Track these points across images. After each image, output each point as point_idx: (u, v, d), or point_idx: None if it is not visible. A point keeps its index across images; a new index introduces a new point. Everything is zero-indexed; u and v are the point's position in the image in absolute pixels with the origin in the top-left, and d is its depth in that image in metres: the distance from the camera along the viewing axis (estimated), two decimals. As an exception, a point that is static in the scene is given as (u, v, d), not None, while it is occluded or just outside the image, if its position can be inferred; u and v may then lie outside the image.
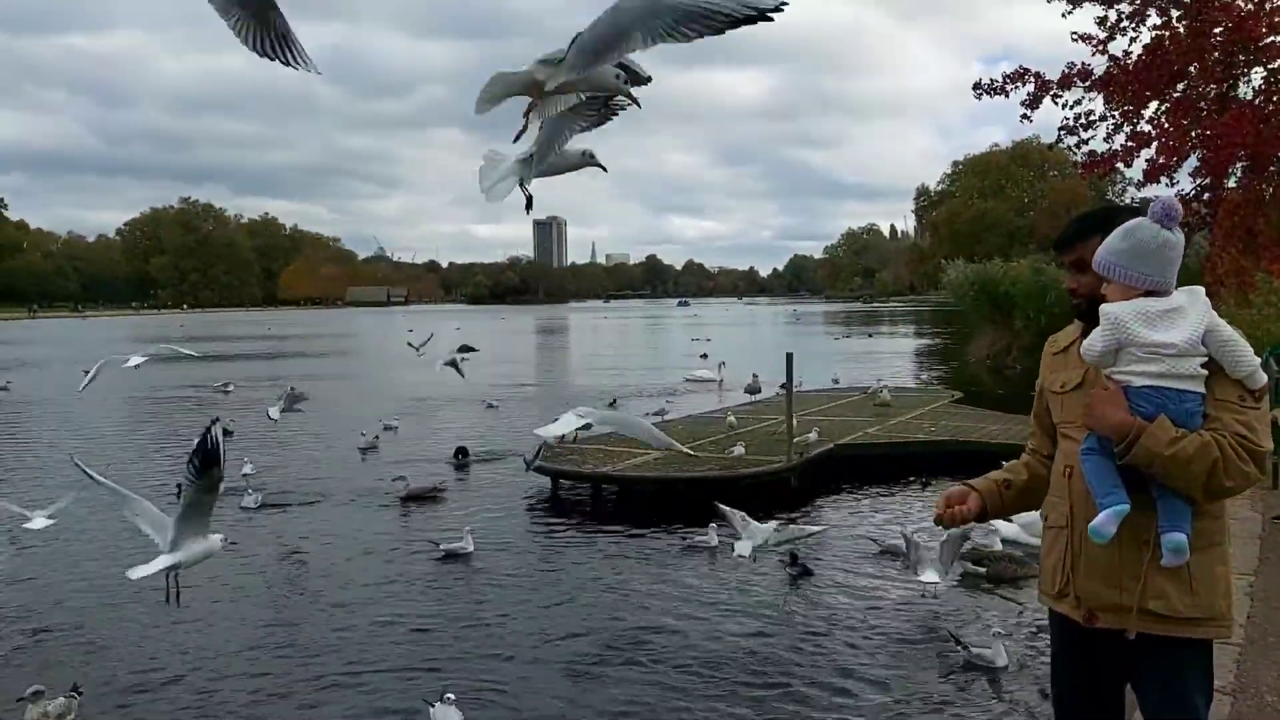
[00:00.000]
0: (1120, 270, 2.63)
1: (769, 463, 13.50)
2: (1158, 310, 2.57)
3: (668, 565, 10.23)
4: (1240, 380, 2.56)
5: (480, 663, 7.60)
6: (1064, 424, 2.82)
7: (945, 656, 7.53)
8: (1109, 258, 2.65)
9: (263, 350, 51.47)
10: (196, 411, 23.06)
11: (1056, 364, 2.91)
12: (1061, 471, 2.79)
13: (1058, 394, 2.85)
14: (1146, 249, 2.59)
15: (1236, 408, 2.54)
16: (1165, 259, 2.59)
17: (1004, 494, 3.02)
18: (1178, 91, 13.21)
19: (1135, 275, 2.61)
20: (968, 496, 3.01)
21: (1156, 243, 2.58)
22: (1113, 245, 2.65)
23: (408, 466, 15.31)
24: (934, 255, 79.83)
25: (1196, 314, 2.57)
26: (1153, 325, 2.55)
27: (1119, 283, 2.64)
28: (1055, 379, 2.88)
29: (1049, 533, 2.85)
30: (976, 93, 13.81)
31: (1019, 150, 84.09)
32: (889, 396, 19.77)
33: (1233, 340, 2.57)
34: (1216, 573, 2.61)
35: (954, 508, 3.00)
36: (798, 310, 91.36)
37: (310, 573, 10.24)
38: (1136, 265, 2.60)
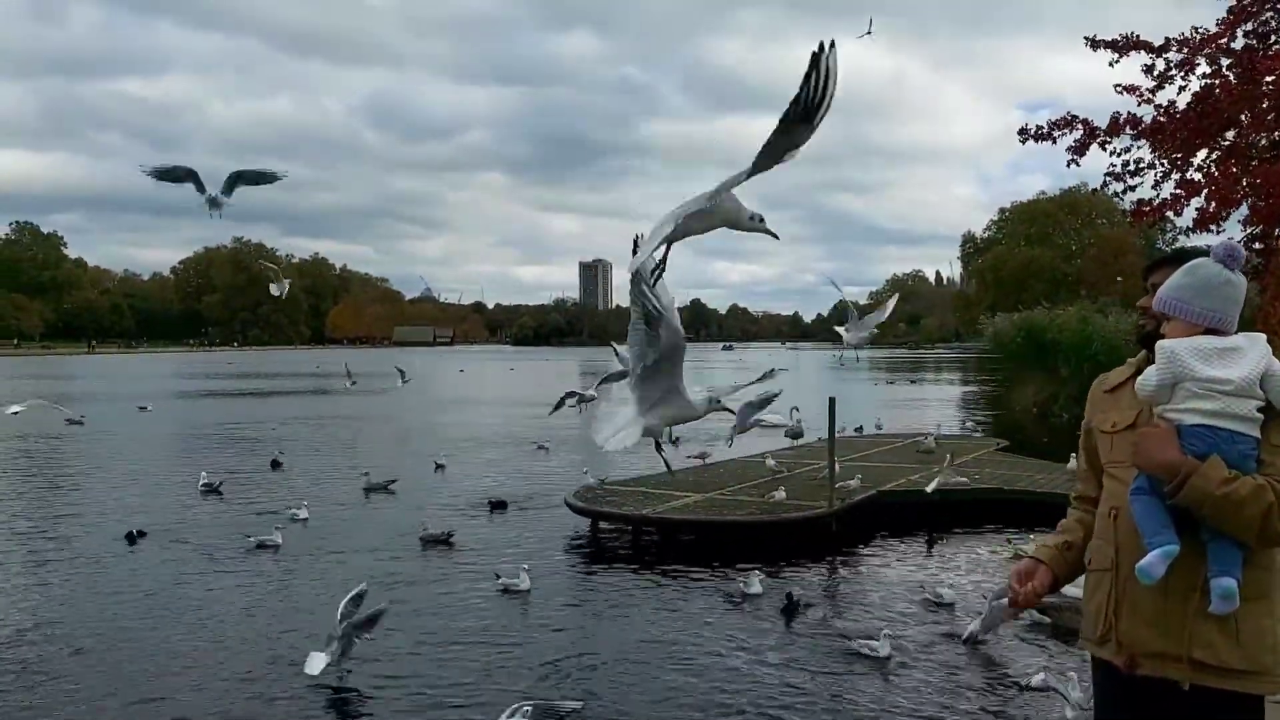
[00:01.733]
0: (1182, 307, 2.62)
1: (810, 507, 13.39)
2: (1216, 348, 2.55)
3: (706, 610, 10.13)
4: None
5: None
6: (1112, 464, 2.75)
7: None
8: (1170, 294, 2.65)
9: (313, 387, 52.18)
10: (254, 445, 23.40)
11: (1107, 403, 2.86)
12: (1107, 513, 2.73)
13: (1107, 433, 2.80)
14: (1209, 285, 2.58)
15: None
16: (1227, 297, 2.58)
17: (1067, 557, 2.93)
18: (1227, 140, 13.07)
19: (1196, 312, 2.60)
20: (1036, 570, 2.92)
21: (1219, 280, 2.58)
22: (1175, 282, 2.65)
23: (445, 510, 15.44)
24: (980, 302, 79.17)
25: (1256, 355, 2.54)
26: (1209, 361, 2.52)
27: (1180, 319, 2.63)
28: (1106, 418, 2.83)
29: (1092, 576, 2.78)
30: (1022, 138, 13.71)
31: (1066, 198, 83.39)
32: (934, 444, 19.56)
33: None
34: (1264, 625, 2.53)
35: (1026, 585, 2.90)
36: (843, 361, 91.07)
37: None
38: (1198, 301, 2.59)
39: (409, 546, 12.86)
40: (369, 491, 17.24)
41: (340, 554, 12.60)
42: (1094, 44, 13.31)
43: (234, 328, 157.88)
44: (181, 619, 9.73)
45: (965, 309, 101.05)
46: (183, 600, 10.44)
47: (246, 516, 14.71)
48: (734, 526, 12.98)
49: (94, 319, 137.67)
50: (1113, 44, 13.15)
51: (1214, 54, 12.49)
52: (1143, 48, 13.05)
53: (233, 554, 12.43)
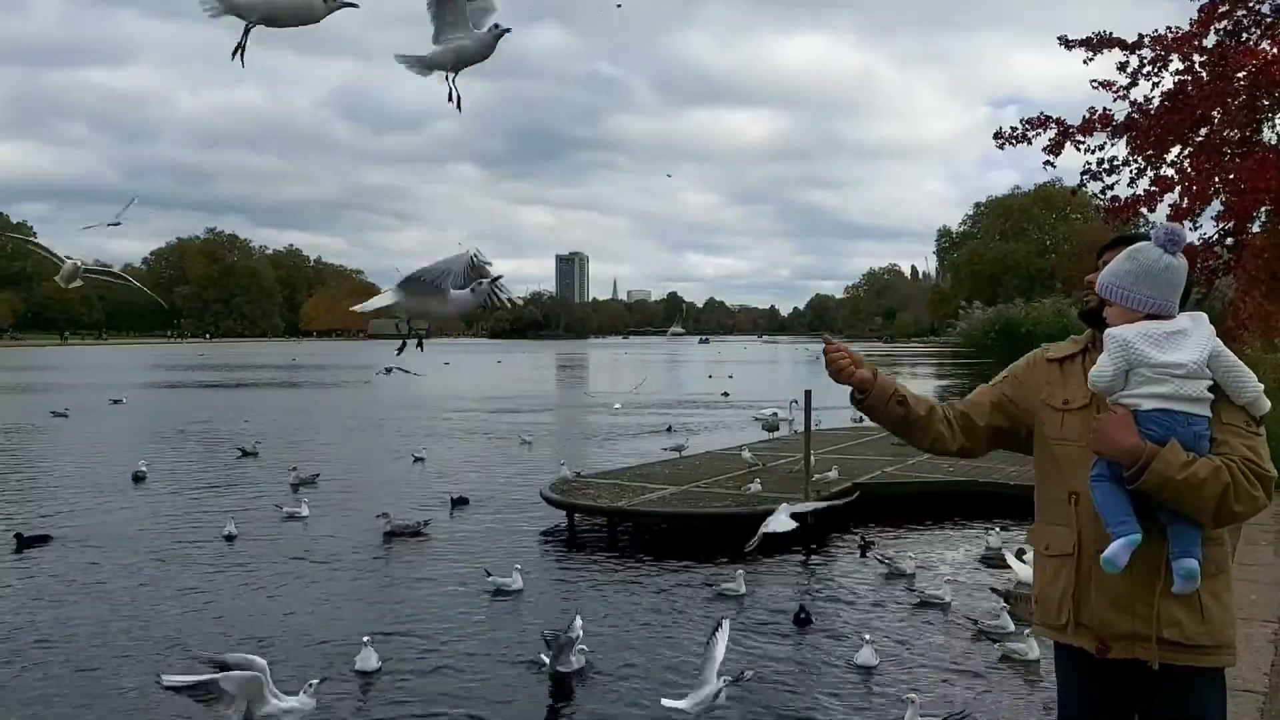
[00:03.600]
0: (1123, 293, 2.64)
1: (786, 499, 13.42)
2: (1163, 332, 2.57)
3: (682, 603, 10.15)
4: (1245, 407, 2.56)
5: (494, 691, 7.57)
6: (1059, 441, 2.74)
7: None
8: (1112, 280, 2.67)
9: (290, 379, 51.84)
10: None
11: (1053, 375, 2.84)
12: (1066, 498, 2.70)
13: (1057, 410, 2.77)
14: (1150, 272, 2.60)
15: (1243, 432, 2.54)
16: (1168, 282, 2.60)
17: (892, 401, 2.89)
18: (1200, 136, 13.19)
19: (1137, 298, 2.62)
20: (865, 367, 2.88)
21: (1159, 266, 2.59)
22: (1116, 268, 2.67)
23: (419, 503, 15.42)
24: (955, 296, 79.68)
25: (1201, 336, 2.58)
26: (1160, 346, 2.55)
27: (1121, 306, 2.65)
28: (1054, 392, 2.80)
29: (1050, 561, 2.74)
30: (999, 142, 13.76)
31: (1041, 193, 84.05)
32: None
33: (1237, 365, 2.58)
34: (1224, 600, 2.60)
35: (844, 358, 2.87)
36: (819, 355, 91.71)
37: (317, 598, 10.25)
38: (1138, 288, 2.61)
39: (381, 539, 12.79)
40: (346, 490, 17.18)
41: (306, 553, 12.53)
42: (1068, 43, 13.40)
43: (206, 319, 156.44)
44: (143, 612, 9.66)
45: (940, 303, 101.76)
46: (141, 594, 10.37)
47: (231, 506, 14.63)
48: (710, 518, 13.00)
49: (64, 310, 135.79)
50: (1086, 42, 13.24)
51: (1187, 50, 12.59)
52: (1116, 45, 13.15)
53: (209, 548, 12.37)
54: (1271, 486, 2.52)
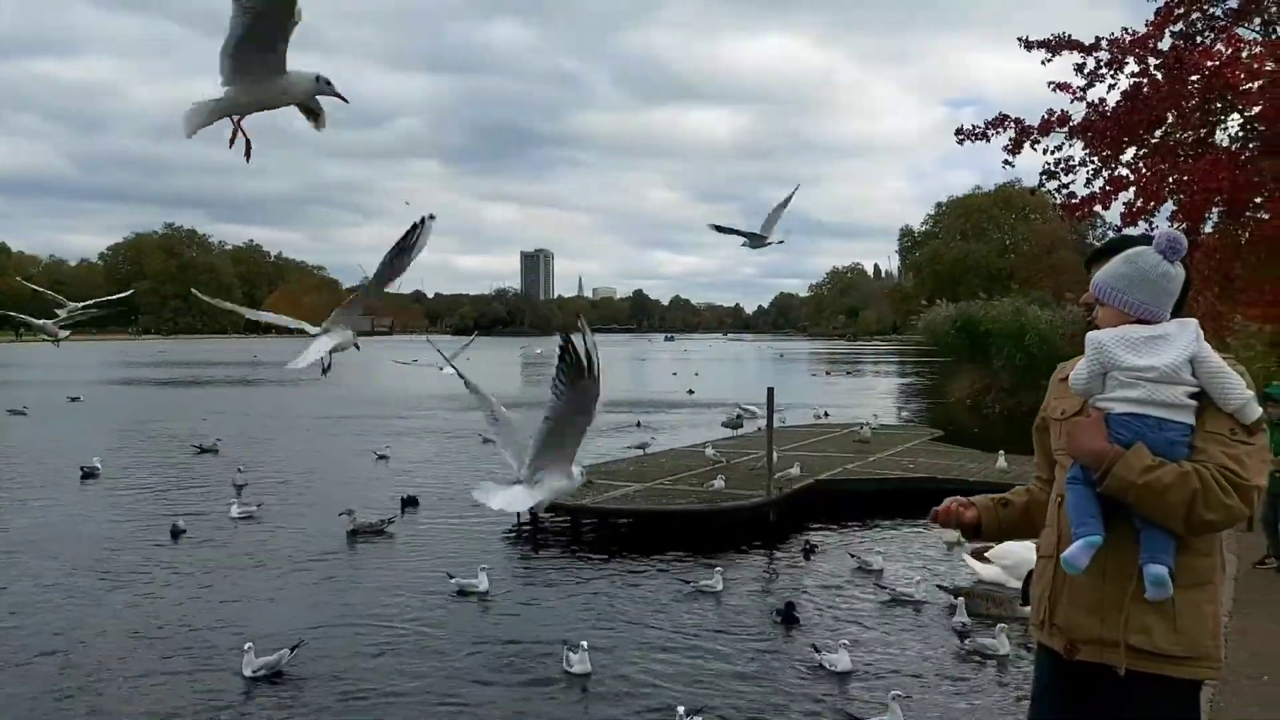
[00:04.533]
0: (1116, 295, 2.63)
1: (748, 497, 13.49)
2: (1142, 336, 2.56)
3: (645, 598, 10.17)
4: (1232, 413, 2.49)
5: (454, 688, 7.53)
6: (1058, 451, 2.76)
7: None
8: (1107, 281, 2.65)
9: (250, 376, 51.26)
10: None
11: (1061, 391, 2.83)
12: (1055, 498, 2.73)
13: (1058, 420, 2.79)
14: (1145, 277, 2.58)
15: (1226, 440, 2.46)
16: (1162, 289, 2.59)
17: (1000, 512, 2.94)
18: (1155, 137, 13.39)
19: (1129, 301, 2.60)
20: (970, 507, 2.94)
21: (1156, 272, 2.58)
22: (1113, 270, 2.65)
23: (383, 500, 15.30)
24: (917, 295, 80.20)
25: (1183, 342, 2.53)
26: (1135, 350, 2.54)
27: (1112, 307, 2.64)
28: (1058, 406, 2.82)
29: (1039, 562, 2.78)
30: (959, 139, 13.90)
31: (1001, 193, 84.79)
32: (870, 433, 19.81)
33: (1221, 371, 2.51)
34: (1204, 611, 2.53)
35: (953, 505, 2.95)
36: (783, 353, 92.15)
37: (287, 603, 10.15)
38: (1132, 291, 2.60)
39: (345, 538, 12.70)
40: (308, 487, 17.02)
41: (255, 552, 12.41)
42: (1027, 44, 13.56)
43: (165, 315, 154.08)
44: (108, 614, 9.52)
45: (902, 302, 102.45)
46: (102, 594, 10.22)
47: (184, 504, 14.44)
48: (674, 515, 13.02)
49: (18, 306, 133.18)
50: (1045, 43, 13.41)
51: (1142, 52, 12.76)
52: (1074, 48, 13.33)
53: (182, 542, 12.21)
54: (1253, 496, 2.44)
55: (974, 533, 2.98)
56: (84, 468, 17.59)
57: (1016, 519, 2.94)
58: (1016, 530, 3.01)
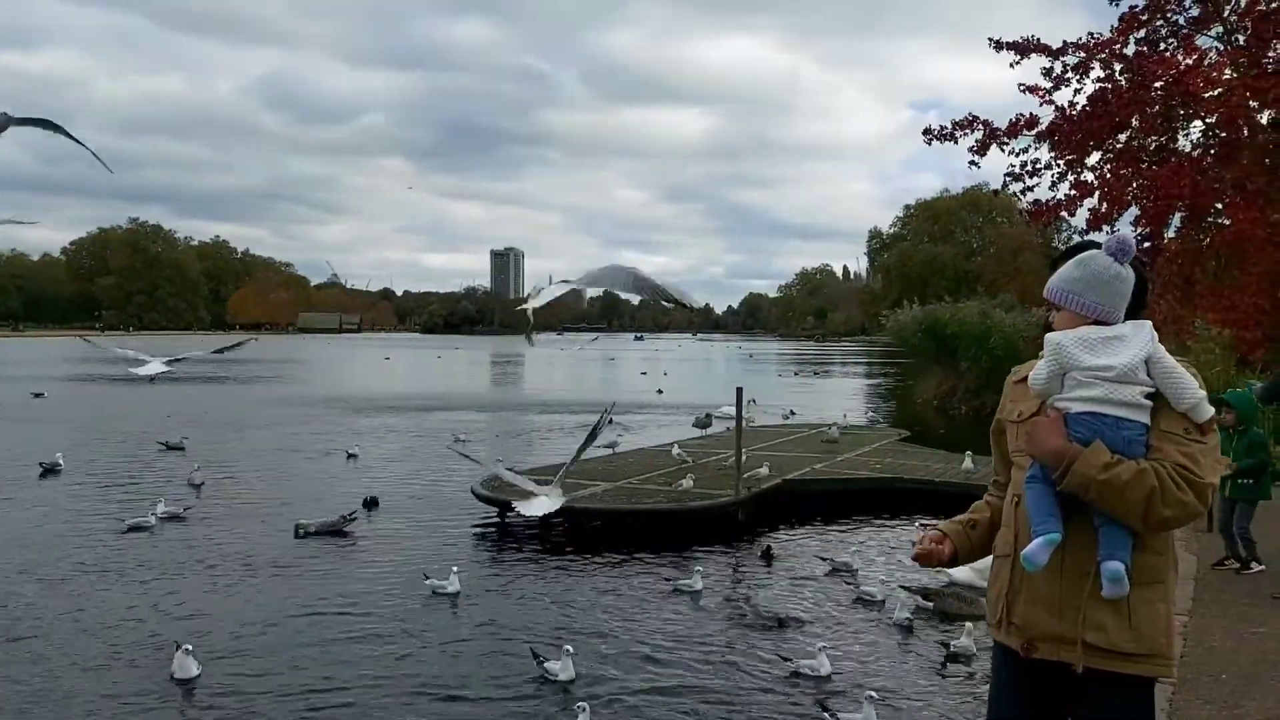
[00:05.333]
0: (1071, 298, 2.68)
1: (716, 496, 13.53)
2: (1099, 337, 2.62)
3: (617, 596, 10.17)
4: (1186, 412, 2.55)
5: (422, 691, 7.50)
6: (1015, 452, 2.80)
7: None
8: (1060, 285, 2.71)
9: (217, 373, 50.71)
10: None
11: (1017, 394, 2.87)
12: (1011, 500, 2.78)
13: (1015, 423, 2.83)
14: (1098, 279, 2.64)
15: (1180, 439, 2.52)
16: (1115, 291, 2.64)
17: (970, 535, 2.97)
18: (1119, 142, 13.59)
19: (1084, 303, 2.66)
20: (943, 540, 2.96)
21: (1108, 274, 2.64)
22: (1065, 274, 2.70)
23: (347, 500, 15.19)
24: (885, 297, 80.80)
25: (1139, 342, 2.60)
26: (1093, 350, 2.59)
27: (1068, 310, 2.70)
28: (1014, 408, 2.85)
29: (996, 562, 2.82)
30: (927, 138, 14.08)
31: (969, 196, 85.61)
32: (837, 434, 19.93)
33: (1175, 371, 2.57)
34: (1157, 609, 2.57)
35: (933, 546, 2.95)
36: (753, 354, 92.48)
37: (251, 599, 10.06)
38: (1087, 294, 2.65)
39: (297, 540, 12.55)
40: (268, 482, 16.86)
41: (223, 545, 12.30)
42: (997, 45, 13.73)
43: (129, 311, 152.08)
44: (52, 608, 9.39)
45: (871, 303, 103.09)
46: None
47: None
48: (642, 515, 13.03)
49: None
50: (1014, 45, 13.58)
51: (1108, 57, 12.96)
52: (1042, 51, 13.51)
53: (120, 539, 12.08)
54: (1208, 494, 2.50)
55: (952, 562, 3.01)
56: (44, 464, 17.34)
57: (985, 536, 2.97)
58: (988, 546, 3.02)
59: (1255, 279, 12.58)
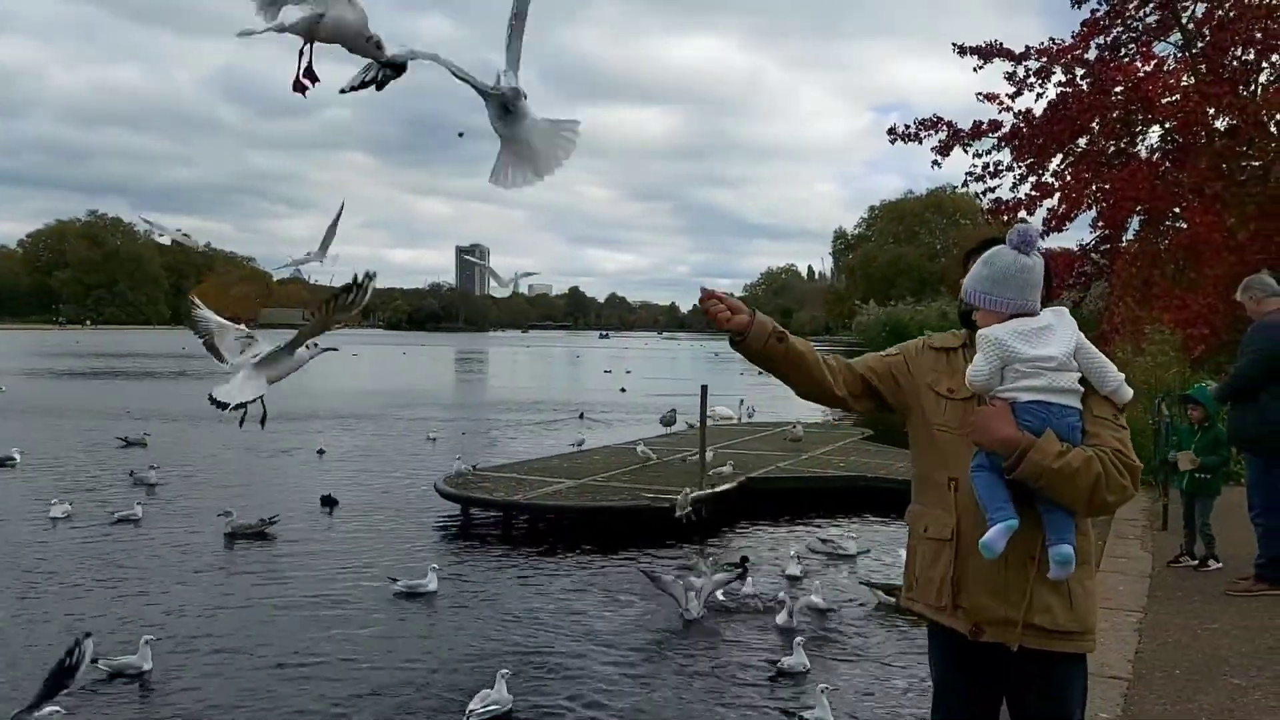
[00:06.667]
0: (985, 297, 2.74)
1: (678, 493, 13.52)
2: (1032, 328, 2.69)
3: (577, 596, 10.15)
4: (1108, 397, 2.69)
5: (380, 691, 7.46)
6: (941, 427, 2.81)
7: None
8: (974, 286, 2.77)
9: (180, 369, 50.07)
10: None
11: (939, 363, 2.89)
12: (945, 483, 2.78)
13: (941, 396, 2.83)
14: (1006, 275, 2.71)
15: (1113, 425, 2.66)
16: (1024, 282, 2.70)
17: (772, 339, 2.76)
18: (1079, 146, 13.77)
19: (1000, 300, 2.72)
20: (743, 312, 2.76)
21: (1015, 268, 2.70)
22: (976, 274, 2.77)
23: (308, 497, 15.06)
24: (850, 297, 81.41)
25: (1065, 330, 2.70)
26: (1030, 342, 2.66)
27: (986, 309, 2.75)
28: (939, 379, 2.86)
29: (928, 544, 2.81)
30: (891, 138, 14.21)
31: (932, 198, 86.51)
32: (801, 432, 20.03)
33: (1098, 356, 2.71)
34: (1088, 587, 2.72)
35: (722, 305, 2.76)
36: (718, 353, 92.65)
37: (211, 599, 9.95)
38: (999, 291, 2.72)
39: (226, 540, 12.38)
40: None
41: (189, 539, 12.15)
42: (961, 50, 13.87)
43: (88, 305, 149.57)
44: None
45: (836, 303, 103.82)
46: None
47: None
48: (605, 512, 13.01)
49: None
50: (977, 50, 13.71)
51: (1069, 62, 13.15)
52: (1005, 55, 13.66)
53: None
54: (1138, 477, 2.64)
55: (737, 334, 2.76)
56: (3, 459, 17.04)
57: (783, 357, 2.79)
58: (776, 367, 2.83)
59: (1212, 282, 12.80)
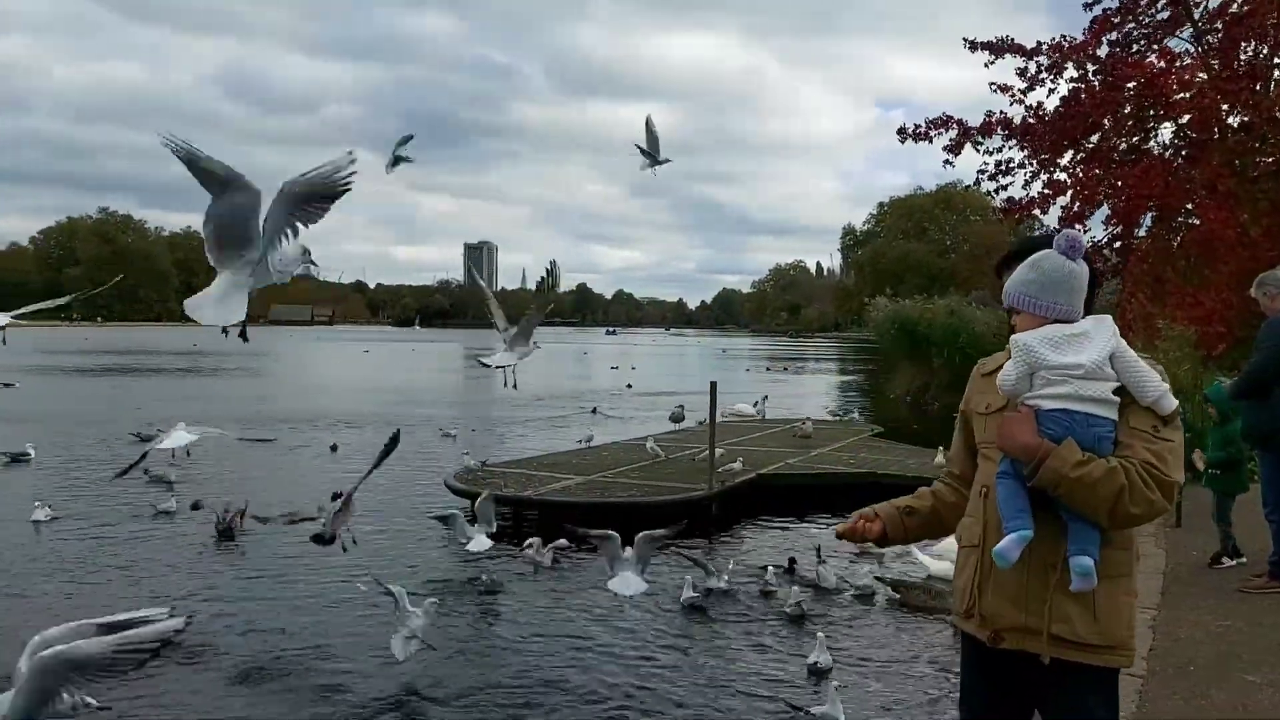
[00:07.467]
0: (1029, 301, 2.73)
1: (688, 490, 13.55)
2: (1064, 335, 2.65)
3: (586, 591, 10.16)
4: (1151, 408, 2.60)
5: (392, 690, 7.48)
6: (984, 444, 2.84)
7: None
8: (1017, 289, 2.75)
9: (194, 365, 50.23)
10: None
11: (985, 385, 2.91)
12: (979, 492, 2.82)
13: (982, 415, 2.87)
14: (1053, 280, 2.68)
15: (1149, 437, 2.57)
16: (1071, 289, 2.69)
17: (905, 521, 3.08)
18: (1092, 142, 13.71)
19: (1043, 305, 2.70)
20: (875, 520, 3.07)
21: (1063, 273, 2.68)
22: (1020, 277, 2.75)
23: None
24: (859, 293, 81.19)
25: (1102, 338, 2.65)
26: (1060, 349, 2.63)
27: (1028, 313, 2.74)
28: (981, 400, 2.90)
29: (962, 552, 2.87)
30: (901, 138, 14.12)
31: (942, 194, 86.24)
32: (811, 429, 20.01)
33: (1138, 365, 2.62)
34: (1120, 602, 2.64)
35: (859, 524, 3.07)
36: (726, 349, 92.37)
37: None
38: (1045, 296, 2.69)
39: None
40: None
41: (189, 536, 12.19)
42: (972, 45, 13.81)
43: (99, 302, 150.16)
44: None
45: (845, 299, 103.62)
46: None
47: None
48: (616, 508, 13.02)
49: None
50: (989, 45, 13.66)
51: (1081, 59, 13.11)
52: (1017, 51, 13.60)
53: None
54: (1174, 491, 2.55)
55: (880, 542, 3.12)
56: (12, 453, 17.12)
57: (920, 525, 3.10)
58: (923, 534, 3.20)
59: (1225, 278, 12.75)
